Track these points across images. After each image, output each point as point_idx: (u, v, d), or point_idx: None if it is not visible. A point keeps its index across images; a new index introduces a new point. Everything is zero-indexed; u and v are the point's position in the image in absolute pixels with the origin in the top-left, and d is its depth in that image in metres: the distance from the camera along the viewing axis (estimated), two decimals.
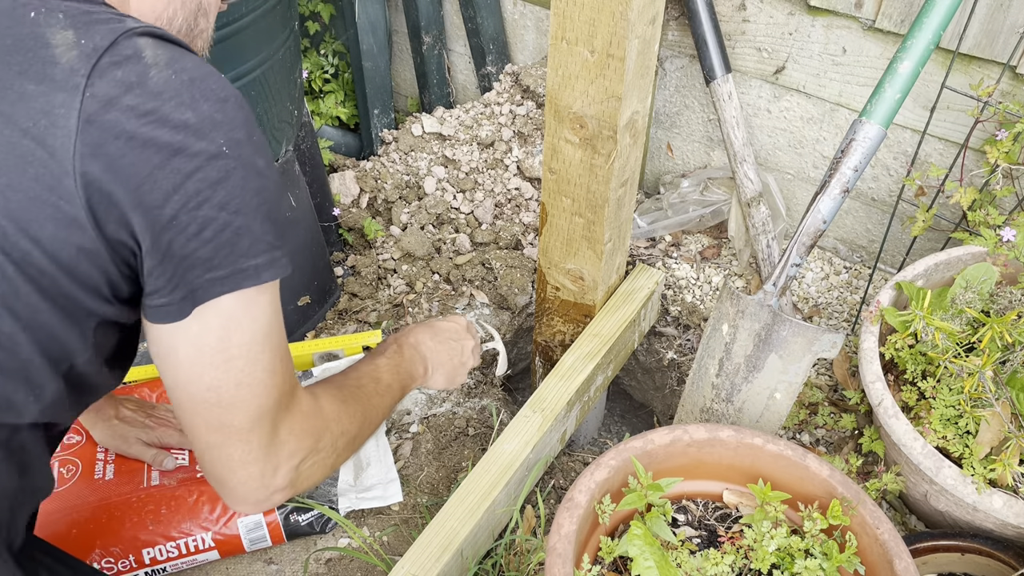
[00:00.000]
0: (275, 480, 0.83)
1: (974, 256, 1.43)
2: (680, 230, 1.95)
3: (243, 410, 0.78)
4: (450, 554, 1.25)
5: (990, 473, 1.20)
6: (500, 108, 2.08)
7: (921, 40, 1.28)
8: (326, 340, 1.68)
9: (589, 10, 1.18)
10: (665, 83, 1.89)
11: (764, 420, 1.44)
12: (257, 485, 0.82)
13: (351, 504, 1.43)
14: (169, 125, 0.69)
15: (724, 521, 1.21)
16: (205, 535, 1.36)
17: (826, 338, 1.34)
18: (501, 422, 1.63)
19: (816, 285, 1.86)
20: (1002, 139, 1.39)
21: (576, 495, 1.11)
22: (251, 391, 0.78)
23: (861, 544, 1.11)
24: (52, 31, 0.68)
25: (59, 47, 0.67)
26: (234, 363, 0.77)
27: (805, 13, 1.59)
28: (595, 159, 1.36)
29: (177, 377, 0.77)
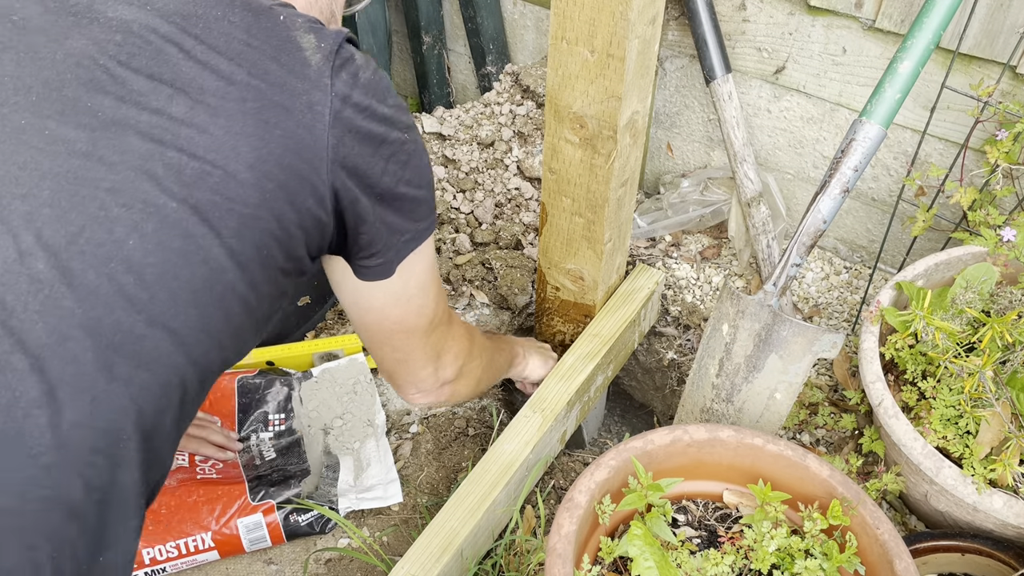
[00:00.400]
0: (443, 375, 1.10)
1: (974, 256, 1.43)
2: (680, 230, 1.95)
3: (419, 330, 1.02)
4: (450, 554, 1.25)
5: (990, 473, 1.20)
6: (500, 108, 2.08)
7: (921, 40, 1.28)
8: (326, 340, 1.68)
9: (589, 10, 1.18)
10: (665, 83, 1.89)
11: (764, 420, 1.44)
12: (432, 380, 1.09)
13: (351, 504, 1.43)
14: (377, 119, 0.81)
15: (724, 521, 1.21)
16: (205, 535, 1.36)
17: (826, 338, 1.34)
18: (501, 422, 1.63)
19: (816, 285, 1.86)
20: (1002, 139, 1.39)
21: (576, 495, 1.11)
22: (424, 315, 1.01)
23: (861, 544, 1.10)
24: (300, 34, 0.78)
25: (308, 50, 0.77)
26: (413, 300, 0.98)
27: (805, 13, 1.59)
28: (595, 159, 1.35)
29: (370, 317, 0.98)
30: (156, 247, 0.68)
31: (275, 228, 0.77)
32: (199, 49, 0.73)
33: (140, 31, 0.72)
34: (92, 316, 0.65)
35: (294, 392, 1.60)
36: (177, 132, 0.70)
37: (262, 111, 0.74)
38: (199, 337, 0.73)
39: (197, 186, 0.71)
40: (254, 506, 1.38)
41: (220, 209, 0.72)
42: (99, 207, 0.66)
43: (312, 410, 1.60)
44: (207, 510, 1.38)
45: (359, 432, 1.57)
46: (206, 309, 0.73)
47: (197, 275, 0.71)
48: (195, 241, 0.71)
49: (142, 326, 0.68)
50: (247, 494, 1.40)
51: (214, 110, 0.72)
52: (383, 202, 0.85)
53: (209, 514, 1.37)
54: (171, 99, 0.70)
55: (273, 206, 0.75)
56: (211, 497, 1.39)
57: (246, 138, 0.73)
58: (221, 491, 1.40)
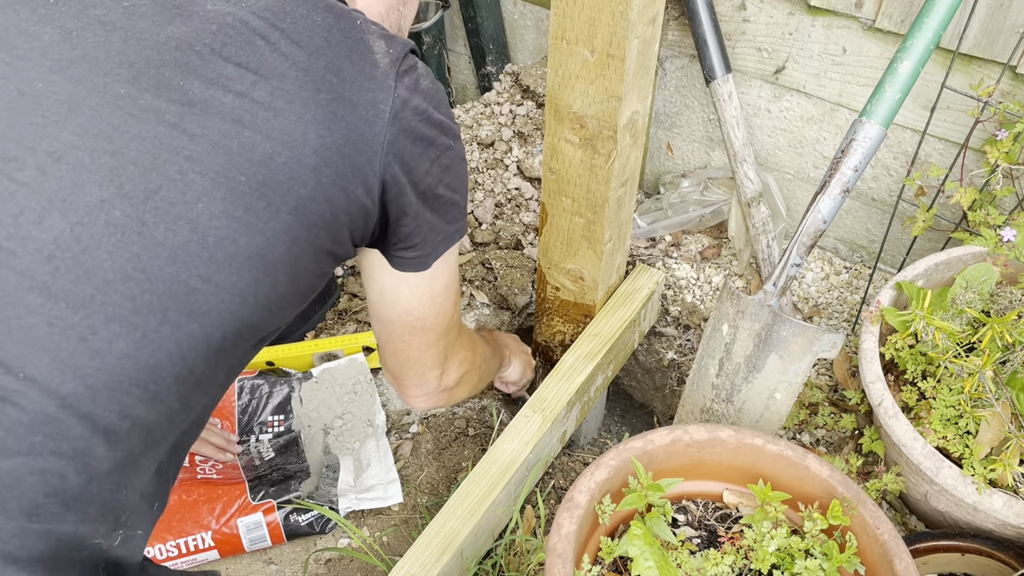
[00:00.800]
0: (447, 379, 1.15)
1: (974, 256, 1.43)
2: (680, 230, 1.95)
3: (435, 332, 1.07)
4: (450, 554, 1.25)
5: (990, 473, 1.20)
6: (500, 108, 2.08)
7: (921, 40, 1.28)
8: (326, 340, 1.68)
9: (589, 10, 1.18)
10: (665, 83, 1.89)
11: (764, 420, 1.44)
12: (435, 384, 1.13)
13: (351, 504, 1.43)
14: (430, 123, 0.89)
15: (724, 521, 1.21)
16: (205, 535, 1.36)
17: (826, 338, 1.34)
18: (501, 422, 1.63)
19: (816, 285, 1.86)
20: (1002, 139, 1.39)
21: (576, 495, 1.11)
22: (441, 318, 1.06)
23: (861, 544, 1.10)
24: (373, 39, 0.86)
25: (378, 54, 0.86)
26: (437, 299, 1.03)
27: (805, 13, 1.59)
28: (595, 159, 1.35)
29: (395, 311, 1.03)
30: (222, 213, 0.76)
31: (326, 211, 0.83)
32: (284, 43, 0.81)
33: (234, 23, 0.80)
34: (155, 264, 0.74)
35: (294, 393, 1.60)
36: (256, 114, 0.78)
37: (332, 103, 0.82)
38: (246, 299, 0.80)
39: (266, 165, 0.79)
40: (254, 506, 1.38)
41: (282, 188, 0.79)
42: (178, 171, 0.75)
43: (312, 410, 1.60)
44: (207, 509, 1.38)
45: (359, 432, 1.57)
46: (257, 275, 0.80)
47: (253, 244, 0.78)
48: (256, 213, 0.78)
49: (197, 280, 0.75)
50: (247, 494, 1.40)
51: (291, 97, 0.80)
52: (423, 199, 0.92)
53: (209, 513, 1.37)
54: (254, 85, 0.79)
55: (328, 191, 0.82)
56: (211, 496, 1.39)
57: (315, 125, 0.81)
58: (221, 491, 1.40)
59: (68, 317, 0.70)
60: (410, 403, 1.17)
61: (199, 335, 0.77)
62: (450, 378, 1.16)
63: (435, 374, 1.13)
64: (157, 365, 0.75)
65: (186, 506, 1.38)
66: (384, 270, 0.99)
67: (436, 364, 1.12)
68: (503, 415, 1.66)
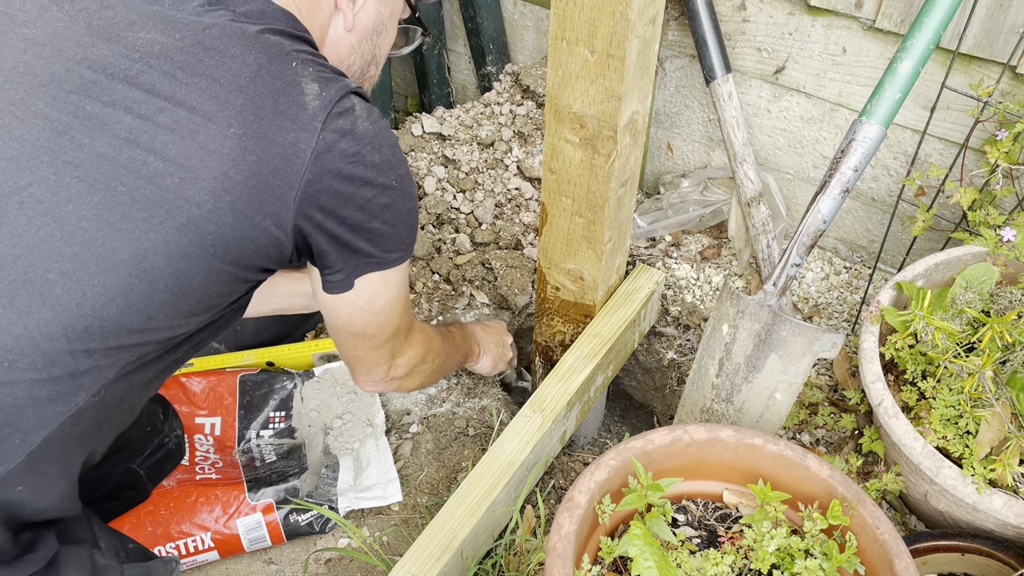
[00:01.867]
0: (394, 373, 1.23)
1: (974, 256, 1.43)
2: (680, 230, 1.95)
3: (379, 338, 1.15)
4: (450, 554, 1.25)
5: (990, 473, 1.20)
6: (500, 108, 2.08)
7: (921, 40, 1.28)
8: (326, 340, 1.68)
9: (589, 10, 1.18)
10: (665, 83, 1.89)
11: (764, 420, 1.44)
12: (383, 376, 1.22)
13: (351, 504, 1.43)
14: (364, 164, 0.93)
15: (724, 521, 1.21)
16: (205, 535, 1.36)
17: (826, 338, 1.34)
18: (501, 422, 1.63)
19: (816, 285, 1.86)
20: (1002, 139, 1.39)
21: (576, 495, 1.11)
22: (385, 329, 1.14)
23: (861, 544, 1.10)
24: (306, 82, 0.90)
25: (308, 95, 0.89)
26: (377, 316, 1.10)
27: (805, 13, 1.59)
28: (595, 159, 1.35)
29: (338, 322, 1.10)
30: (94, 216, 0.81)
31: (225, 233, 0.87)
32: (203, 79, 0.85)
33: (159, 53, 0.85)
34: (10, 252, 0.79)
35: (296, 390, 1.60)
36: (154, 135, 0.83)
37: (243, 138, 0.85)
38: (114, 299, 0.83)
39: (153, 181, 0.83)
40: (253, 506, 1.38)
41: (169, 204, 0.83)
42: (53, 172, 0.80)
43: (312, 410, 1.60)
44: (207, 510, 1.38)
45: (359, 432, 1.57)
46: (129, 279, 0.83)
47: (126, 249, 0.82)
48: (134, 222, 0.82)
49: (55, 273, 0.80)
50: (246, 494, 1.40)
51: (198, 127, 0.84)
52: (354, 231, 0.97)
53: (209, 514, 1.37)
54: (161, 111, 0.83)
55: (226, 216, 0.86)
56: (210, 497, 1.39)
57: (218, 155, 0.84)
58: (220, 491, 1.40)
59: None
60: (361, 388, 1.25)
61: (54, 323, 0.80)
62: (399, 371, 1.23)
63: (382, 368, 1.21)
64: (6, 347, 0.78)
65: (185, 507, 1.38)
66: (321, 291, 1.06)
67: (383, 361, 1.19)
68: (503, 415, 1.66)
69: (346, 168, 0.92)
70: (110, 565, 0.94)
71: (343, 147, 0.91)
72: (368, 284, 1.04)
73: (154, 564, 1.02)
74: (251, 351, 1.65)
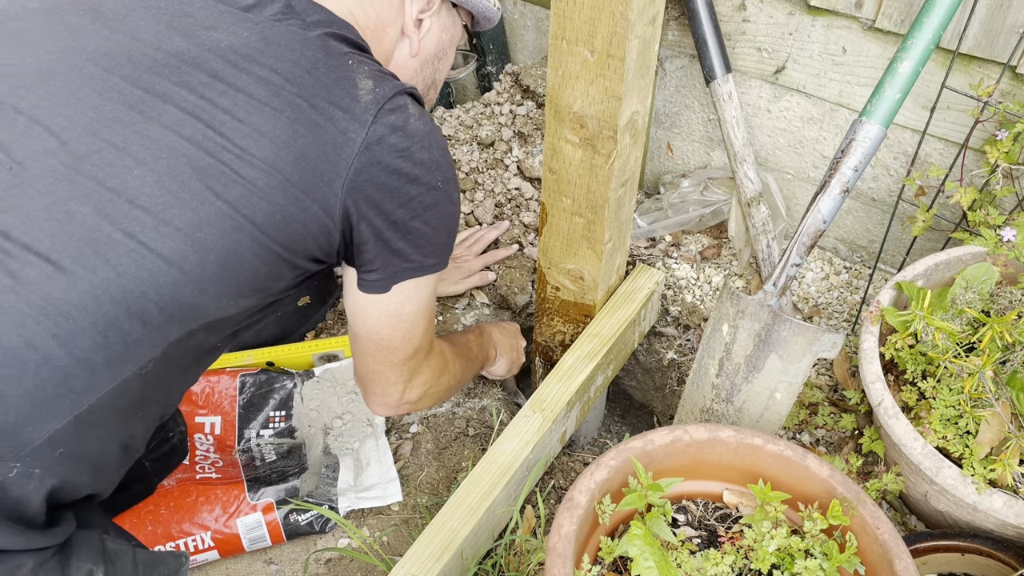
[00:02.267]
0: (409, 395, 1.21)
1: (974, 256, 1.43)
2: (680, 230, 1.95)
3: (401, 353, 1.14)
4: (450, 554, 1.25)
5: (990, 473, 1.20)
6: (500, 108, 2.08)
7: (921, 40, 1.28)
8: (326, 340, 1.68)
9: (589, 10, 1.18)
10: (665, 83, 1.89)
11: (764, 420, 1.44)
12: (397, 398, 1.21)
13: (351, 504, 1.43)
14: (412, 160, 0.97)
15: (724, 521, 1.21)
16: (205, 535, 1.36)
17: (826, 338, 1.34)
18: (501, 422, 1.63)
19: (816, 285, 1.86)
20: (1002, 139, 1.39)
21: (576, 495, 1.11)
22: (408, 342, 1.14)
23: (861, 544, 1.10)
24: (361, 78, 0.95)
25: (362, 91, 0.94)
26: (403, 324, 1.11)
27: (805, 13, 1.59)
28: (595, 159, 1.35)
29: (364, 328, 1.11)
30: (155, 183, 0.85)
31: (276, 212, 0.90)
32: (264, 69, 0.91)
33: (223, 48, 0.92)
34: (79, 211, 0.82)
35: (296, 390, 1.60)
36: (213, 115, 0.88)
37: (294, 123, 0.90)
38: (170, 267, 0.86)
39: (212, 154, 0.87)
40: (253, 505, 1.38)
41: (226, 178, 0.87)
42: (122, 140, 0.85)
43: (312, 410, 1.60)
44: (207, 510, 1.38)
45: (359, 432, 1.57)
46: (183, 247, 0.86)
47: (183, 218, 0.86)
48: (191, 192, 0.86)
49: (120, 234, 0.83)
50: (246, 493, 1.40)
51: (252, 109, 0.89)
52: (396, 228, 1.00)
53: (209, 514, 1.37)
54: (222, 93, 0.89)
55: (278, 196, 0.90)
56: (210, 497, 1.39)
57: (271, 138, 0.89)
58: (220, 491, 1.40)
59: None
60: (371, 409, 1.24)
61: (115, 284, 0.82)
62: (413, 394, 1.22)
63: (397, 389, 1.20)
64: (70, 303, 0.80)
65: (185, 507, 1.38)
66: (355, 289, 1.07)
67: (400, 381, 1.19)
68: (503, 415, 1.66)
69: (394, 162, 0.95)
70: (122, 549, 0.95)
71: (393, 141, 0.95)
72: (402, 289, 1.06)
73: (165, 554, 1.03)
74: (251, 351, 1.65)
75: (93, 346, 0.82)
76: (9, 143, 0.83)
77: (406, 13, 1.11)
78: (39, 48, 0.89)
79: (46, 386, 0.80)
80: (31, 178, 0.81)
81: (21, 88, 0.86)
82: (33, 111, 0.85)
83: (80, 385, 0.82)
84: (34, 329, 0.78)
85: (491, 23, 1.29)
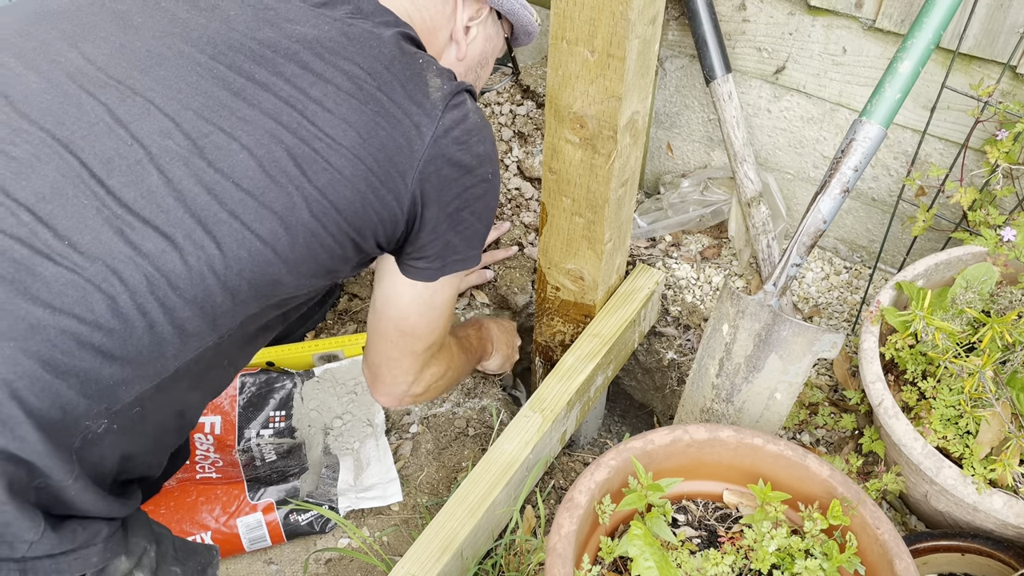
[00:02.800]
0: (415, 388, 1.24)
1: (974, 256, 1.43)
2: (680, 230, 1.95)
3: (423, 342, 1.18)
4: (450, 554, 1.25)
5: (990, 473, 1.20)
6: (500, 108, 2.08)
7: (921, 40, 1.28)
8: (326, 340, 1.68)
9: (589, 10, 1.18)
10: (665, 83, 1.89)
11: (764, 420, 1.44)
12: (404, 389, 1.23)
13: (351, 504, 1.43)
14: (470, 153, 1.03)
15: (724, 521, 1.21)
16: (205, 535, 1.36)
17: (826, 338, 1.34)
18: (501, 422, 1.63)
19: (816, 285, 1.86)
20: (1002, 139, 1.39)
21: (576, 495, 1.11)
22: (432, 332, 1.17)
23: (861, 544, 1.10)
24: (430, 75, 1.02)
25: (432, 87, 1.01)
26: (433, 312, 1.15)
27: (805, 13, 1.59)
28: (595, 159, 1.35)
29: (394, 311, 1.13)
30: (256, 167, 0.90)
31: (356, 200, 0.96)
32: (346, 62, 0.97)
33: (310, 40, 0.97)
34: (192, 190, 0.87)
35: (296, 390, 1.60)
36: (306, 104, 0.93)
37: (376, 116, 0.96)
38: (265, 246, 0.90)
39: (306, 141, 0.92)
40: (253, 505, 1.38)
41: (317, 165, 0.93)
42: (228, 125, 0.90)
43: (312, 410, 1.60)
44: (207, 509, 1.38)
45: (359, 432, 1.57)
46: (277, 229, 0.91)
47: (279, 201, 0.91)
48: (288, 176, 0.91)
49: (225, 214, 0.88)
50: (246, 493, 1.40)
51: (340, 101, 0.95)
52: (449, 219, 1.04)
53: (209, 513, 1.37)
54: (312, 84, 0.94)
55: (359, 184, 0.95)
56: (210, 497, 1.39)
57: (355, 127, 0.95)
58: (220, 491, 1.40)
59: (115, 209, 0.83)
60: (377, 399, 1.27)
61: (219, 261, 0.87)
62: (419, 387, 1.25)
63: (408, 379, 1.22)
64: (179, 276, 0.85)
65: (185, 506, 1.38)
66: (395, 275, 1.11)
67: (412, 370, 1.21)
68: (503, 415, 1.66)
69: (456, 154, 1.01)
70: (164, 532, 0.99)
71: (456, 134, 1.01)
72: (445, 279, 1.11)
73: (198, 545, 1.06)
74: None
75: (190, 316, 0.86)
76: (129, 122, 0.87)
77: (457, 20, 1.17)
78: (144, 33, 0.94)
79: (147, 351, 0.84)
80: (150, 156, 0.86)
81: (135, 71, 0.90)
82: (148, 93, 0.89)
83: (172, 352, 0.87)
84: (146, 297, 0.83)
85: (530, 38, 1.32)
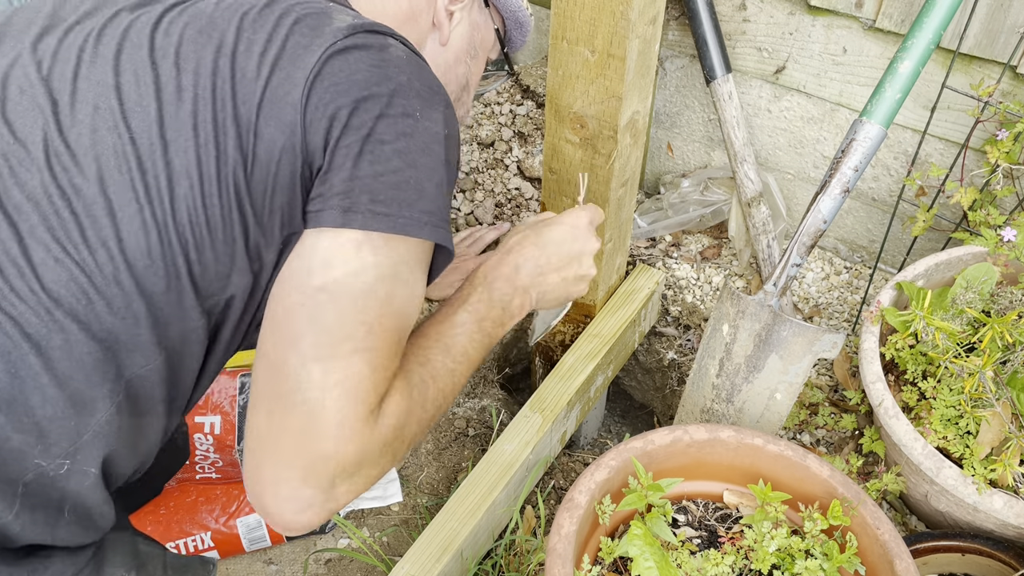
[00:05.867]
0: (340, 488, 0.92)
1: (975, 256, 1.43)
2: (680, 230, 1.95)
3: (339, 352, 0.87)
4: (450, 555, 1.25)
5: (990, 473, 1.20)
6: (500, 108, 2.08)
7: (921, 40, 1.28)
8: None
9: (589, 10, 1.18)
10: (665, 83, 1.89)
11: (764, 420, 1.44)
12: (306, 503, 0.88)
13: (351, 504, 1.43)
14: (381, 74, 0.84)
15: (724, 521, 1.21)
16: (205, 535, 1.36)
17: (826, 338, 1.34)
18: (501, 422, 1.63)
19: (816, 285, 1.86)
20: (1003, 139, 1.39)
21: (576, 495, 1.11)
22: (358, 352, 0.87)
23: (862, 544, 1.10)
24: (339, 16, 0.88)
25: (337, 23, 0.86)
26: (350, 305, 0.82)
27: (805, 13, 1.59)
28: (595, 159, 1.35)
29: (280, 307, 0.88)
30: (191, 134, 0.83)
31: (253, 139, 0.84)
32: (286, 23, 0.87)
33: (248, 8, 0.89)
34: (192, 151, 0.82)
35: None
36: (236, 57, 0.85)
37: (274, 63, 0.85)
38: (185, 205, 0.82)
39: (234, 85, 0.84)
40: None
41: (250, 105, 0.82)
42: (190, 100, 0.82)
43: None
44: (207, 510, 1.38)
45: None
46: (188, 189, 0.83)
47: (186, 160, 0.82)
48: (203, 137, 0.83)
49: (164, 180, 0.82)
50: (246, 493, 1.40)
51: (254, 64, 0.85)
52: (358, 145, 0.82)
53: (209, 514, 1.37)
54: (251, 45, 0.85)
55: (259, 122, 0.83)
56: (210, 497, 1.39)
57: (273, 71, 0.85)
58: (220, 491, 1.40)
59: None
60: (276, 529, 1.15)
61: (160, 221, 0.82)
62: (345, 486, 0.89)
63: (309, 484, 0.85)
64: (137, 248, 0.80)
65: (185, 507, 1.38)
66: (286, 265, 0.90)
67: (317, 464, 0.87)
68: (503, 415, 1.66)
69: (358, 74, 0.84)
70: (153, 552, 0.93)
71: (357, 55, 0.84)
72: (359, 237, 0.81)
73: (193, 559, 1.01)
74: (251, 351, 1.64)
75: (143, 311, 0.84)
76: None
77: (437, 4, 1.10)
78: None
79: (86, 362, 0.82)
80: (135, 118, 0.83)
81: None
82: None
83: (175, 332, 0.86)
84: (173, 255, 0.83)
85: (523, 30, 1.25)
